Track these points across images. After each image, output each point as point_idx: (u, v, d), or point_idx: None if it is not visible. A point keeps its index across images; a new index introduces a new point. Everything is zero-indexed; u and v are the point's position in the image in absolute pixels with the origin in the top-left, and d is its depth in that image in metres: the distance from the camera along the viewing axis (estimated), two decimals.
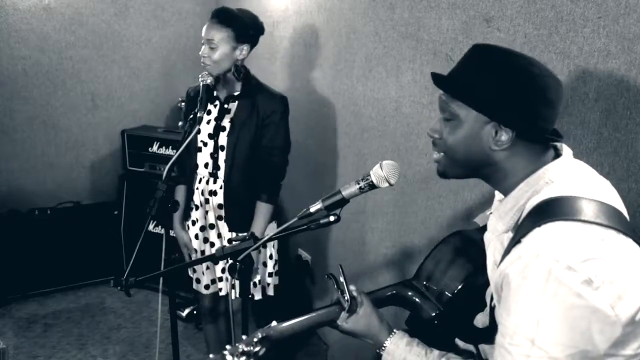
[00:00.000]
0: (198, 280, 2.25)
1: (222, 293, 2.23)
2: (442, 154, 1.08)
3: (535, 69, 0.98)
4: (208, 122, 2.08)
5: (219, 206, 2.12)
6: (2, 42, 3.18)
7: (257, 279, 2.19)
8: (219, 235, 2.17)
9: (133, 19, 3.52)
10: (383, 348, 1.20)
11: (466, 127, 1.01)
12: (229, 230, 2.13)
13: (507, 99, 0.97)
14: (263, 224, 2.10)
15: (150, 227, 3.18)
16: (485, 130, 1.00)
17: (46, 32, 3.29)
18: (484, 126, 1.00)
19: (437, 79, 1.07)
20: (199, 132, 2.05)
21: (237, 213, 2.11)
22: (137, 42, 3.57)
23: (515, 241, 0.95)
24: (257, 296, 2.23)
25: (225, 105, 2.09)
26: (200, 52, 2.01)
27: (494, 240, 1.10)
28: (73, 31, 3.36)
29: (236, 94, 2.09)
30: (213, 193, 2.12)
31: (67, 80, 3.41)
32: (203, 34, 1.99)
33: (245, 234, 1.41)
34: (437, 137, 1.07)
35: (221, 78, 2.06)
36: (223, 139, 2.07)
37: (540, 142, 1.01)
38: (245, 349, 1.18)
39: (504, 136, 0.98)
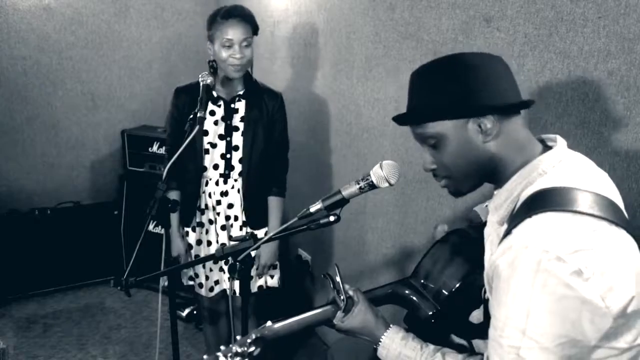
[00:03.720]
0: (201, 285, 2.25)
1: (229, 291, 2.24)
2: (446, 179, 1.09)
3: (466, 55, 1.05)
4: (215, 123, 2.06)
5: (229, 206, 2.13)
6: (2, 42, 3.18)
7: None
8: (230, 237, 2.17)
9: (133, 19, 3.52)
10: (379, 342, 1.21)
11: (452, 138, 1.02)
12: (241, 229, 2.15)
13: (467, 91, 0.99)
14: (279, 217, 2.17)
15: (150, 227, 3.18)
16: (469, 129, 1.01)
17: (46, 32, 3.29)
18: (466, 126, 1.01)
19: (398, 120, 1.11)
20: (206, 133, 2.03)
21: (255, 210, 2.15)
22: (137, 42, 3.57)
23: (507, 232, 0.95)
24: (265, 285, 2.24)
25: (232, 105, 2.08)
26: (226, 55, 1.93)
27: (492, 234, 1.10)
28: (73, 31, 3.36)
29: (240, 93, 2.08)
30: (224, 194, 2.12)
31: (67, 80, 3.41)
32: (232, 35, 1.91)
33: (245, 234, 1.42)
34: (434, 167, 1.09)
35: (221, 78, 2.04)
36: (237, 139, 2.06)
37: (518, 112, 1.04)
38: (239, 349, 1.18)
39: (489, 123, 0.99)
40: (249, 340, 1.20)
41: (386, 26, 2.11)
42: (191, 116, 1.86)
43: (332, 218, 1.26)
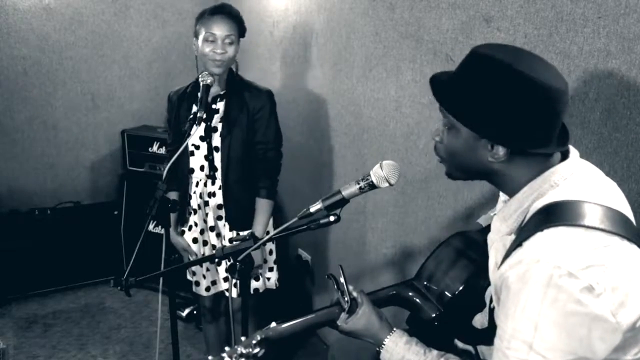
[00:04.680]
0: (197, 283, 2.25)
1: (227, 293, 2.23)
2: (442, 159, 1.08)
3: (537, 81, 0.91)
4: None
5: (218, 207, 2.12)
6: (2, 42, 3.18)
7: (259, 272, 2.20)
8: (219, 235, 2.17)
9: (133, 19, 3.52)
10: (382, 346, 1.20)
11: (463, 138, 1.00)
12: (230, 230, 2.13)
13: (509, 123, 0.94)
14: (265, 220, 2.11)
15: (150, 227, 3.18)
16: (481, 143, 0.98)
17: (46, 32, 3.29)
18: (480, 139, 0.98)
19: (435, 85, 1.05)
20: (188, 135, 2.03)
21: (237, 212, 2.11)
22: (137, 42, 3.57)
23: (516, 244, 0.94)
24: (261, 289, 2.23)
25: (213, 106, 2.07)
26: (208, 50, 1.94)
27: (497, 242, 1.09)
28: (73, 31, 3.36)
29: (222, 92, 2.08)
30: (212, 194, 2.11)
31: (67, 80, 3.41)
32: (215, 31, 1.94)
33: (245, 234, 1.42)
34: (439, 141, 1.07)
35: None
36: (217, 140, 2.06)
37: (540, 155, 0.98)
38: (244, 351, 1.18)
39: (501, 151, 0.96)
40: (254, 342, 1.20)
41: (386, 26, 2.11)
42: (191, 116, 1.87)
43: (332, 218, 1.26)
